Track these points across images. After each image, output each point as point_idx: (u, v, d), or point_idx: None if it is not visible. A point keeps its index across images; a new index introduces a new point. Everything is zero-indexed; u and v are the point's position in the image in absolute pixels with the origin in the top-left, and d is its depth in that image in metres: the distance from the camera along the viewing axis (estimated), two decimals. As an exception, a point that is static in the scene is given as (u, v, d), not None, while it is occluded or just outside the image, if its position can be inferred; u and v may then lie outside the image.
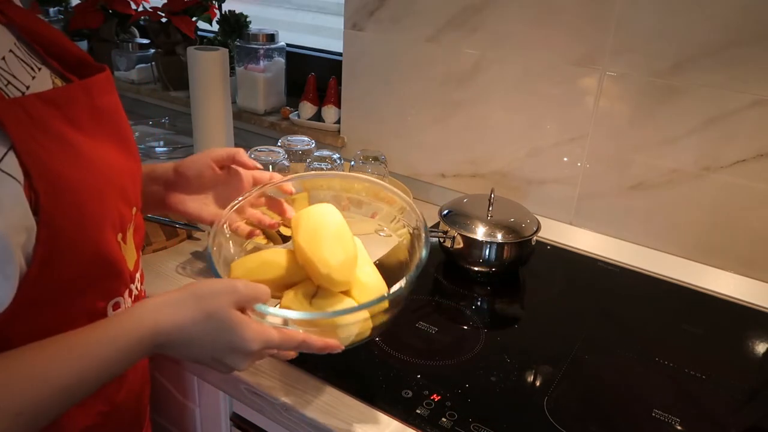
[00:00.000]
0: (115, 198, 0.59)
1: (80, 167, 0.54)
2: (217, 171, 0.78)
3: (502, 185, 1.19)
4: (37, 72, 0.57)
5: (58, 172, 0.52)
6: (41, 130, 0.52)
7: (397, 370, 0.78)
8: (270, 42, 1.46)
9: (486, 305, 0.97)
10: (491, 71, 1.14)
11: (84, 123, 0.57)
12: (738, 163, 0.97)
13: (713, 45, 0.94)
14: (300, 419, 0.71)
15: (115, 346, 0.53)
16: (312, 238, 0.66)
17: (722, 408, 0.77)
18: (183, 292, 0.57)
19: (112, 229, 0.59)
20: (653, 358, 0.84)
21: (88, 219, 0.55)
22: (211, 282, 0.58)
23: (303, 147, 1.28)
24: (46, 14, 1.91)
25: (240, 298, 0.57)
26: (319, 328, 0.63)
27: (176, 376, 0.90)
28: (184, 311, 0.56)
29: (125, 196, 0.61)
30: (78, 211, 0.53)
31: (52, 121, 0.53)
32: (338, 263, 0.65)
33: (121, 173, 0.61)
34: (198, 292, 0.57)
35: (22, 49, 0.57)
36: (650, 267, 1.07)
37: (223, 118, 1.31)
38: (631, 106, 1.03)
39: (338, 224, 0.69)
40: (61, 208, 0.52)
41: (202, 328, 0.56)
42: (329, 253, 0.65)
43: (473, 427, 0.69)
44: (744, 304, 1.00)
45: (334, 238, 0.67)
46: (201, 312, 0.56)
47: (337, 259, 0.65)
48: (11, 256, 0.49)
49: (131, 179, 0.64)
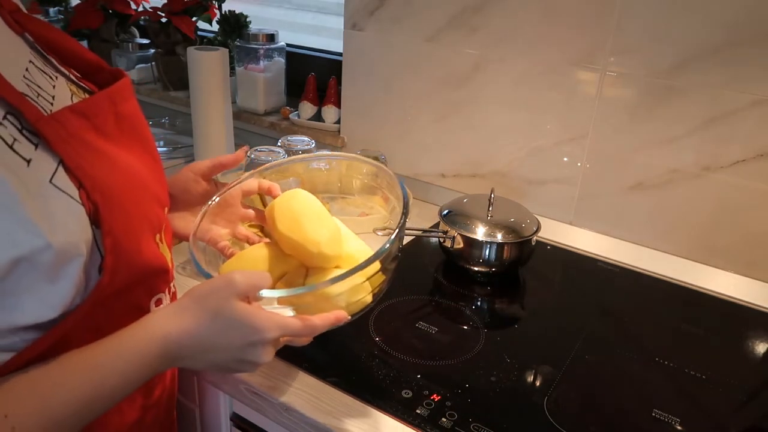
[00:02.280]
0: (149, 201, 0.60)
1: (117, 175, 0.55)
2: (203, 184, 0.78)
3: (502, 185, 1.19)
4: (54, 81, 0.58)
5: (105, 182, 0.53)
6: (79, 143, 0.53)
7: (397, 370, 0.78)
8: (270, 42, 1.46)
9: (486, 305, 0.97)
10: (491, 71, 1.14)
11: (111, 131, 0.58)
12: (738, 163, 0.97)
13: (713, 45, 0.94)
14: (300, 419, 0.71)
15: (128, 359, 0.52)
16: (293, 224, 0.67)
17: (722, 408, 0.77)
18: (183, 298, 0.56)
19: (152, 230, 0.60)
20: (653, 358, 0.84)
21: (134, 223, 0.56)
22: (208, 281, 0.57)
23: (303, 147, 1.28)
24: (46, 14, 1.91)
25: (240, 288, 0.55)
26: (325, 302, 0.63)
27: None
28: (188, 316, 0.55)
29: (157, 197, 0.63)
30: (125, 216, 0.55)
31: (84, 132, 0.54)
32: (326, 239, 0.66)
33: (149, 176, 0.62)
34: (196, 294, 0.56)
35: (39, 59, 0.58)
36: (650, 267, 1.07)
37: (223, 118, 1.31)
38: (631, 106, 1.03)
39: (314, 205, 0.70)
40: (116, 216, 0.53)
41: (211, 329, 0.54)
42: (314, 233, 0.66)
43: (473, 427, 0.69)
44: (744, 304, 1.00)
45: (314, 219, 0.68)
46: (205, 312, 0.55)
47: (323, 236, 0.66)
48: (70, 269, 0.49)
49: (158, 181, 0.65)
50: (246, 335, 0.55)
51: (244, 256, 0.71)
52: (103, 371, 0.52)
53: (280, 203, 0.70)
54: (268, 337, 0.55)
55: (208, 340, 0.55)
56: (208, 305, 0.55)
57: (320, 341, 0.82)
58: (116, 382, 0.52)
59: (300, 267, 0.70)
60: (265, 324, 0.55)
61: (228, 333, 0.55)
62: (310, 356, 0.79)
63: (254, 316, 0.55)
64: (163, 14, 1.58)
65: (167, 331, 0.54)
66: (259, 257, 0.70)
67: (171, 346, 0.54)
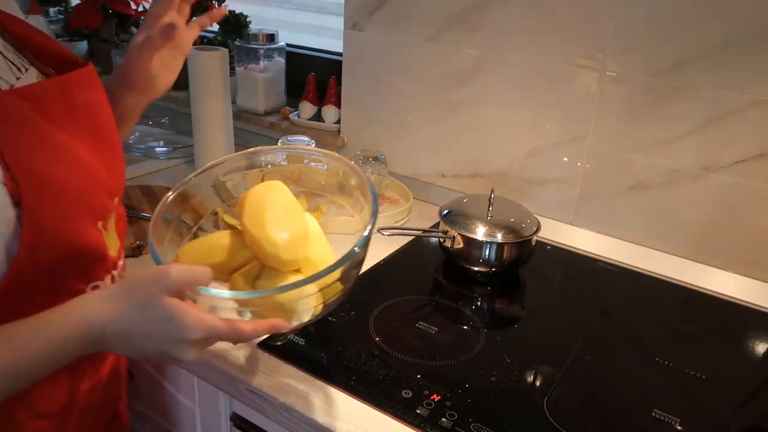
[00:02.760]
0: (94, 188, 0.62)
1: (56, 158, 0.57)
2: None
3: (502, 185, 1.19)
4: (23, 73, 0.60)
5: (37, 163, 0.55)
6: (18, 124, 0.55)
7: (397, 370, 0.78)
8: (270, 42, 1.46)
9: (486, 305, 0.97)
10: (491, 71, 1.14)
11: (58, 116, 0.59)
12: (738, 163, 0.97)
13: (713, 45, 0.94)
14: (300, 419, 0.71)
15: (46, 338, 0.52)
16: (257, 217, 0.63)
17: (722, 408, 0.77)
18: (116, 285, 0.56)
19: (92, 216, 0.61)
20: (653, 358, 0.84)
21: (67, 207, 0.57)
22: (144, 272, 0.56)
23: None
24: (46, 14, 1.91)
25: (172, 283, 0.54)
26: (262, 308, 0.60)
27: (176, 376, 0.90)
28: (114, 304, 0.54)
29: (106, 187, 0.64)
30: (56, 199, 0.56)
31: (28, 114, 0.56)
32: (285, 241, 0.62)
33: (100, 166, 0.63)
34: (128, 284, 0.56)
35: (11, 51, 0.61)
36: (650, 267, 1.07)
37: (223, 118, 1.31)
38: (631, 106, 1.03)
39: (285, 201, 0.66)
40: (42, 197, 0.54)
41: (136, 320, 0.54)
42: (275, 231, 0.62)
43: (473, 427, 0.69)
44: (744, 304, 1.00)
45: (280, 215, 0.64)
46: (131, 303, 0.54)
47: (283, 237, 0.62)
48: None
49: (110, 172, 0.66)
50: (169, 332, 0.54)
51: (203, 242, 0.68)
52: (20, 348, 0.52)
53: (253, 193, 0.67)
54: (191, 337, 0.54)
55: (132, 329, 0.54)
56: (136, 296, 0.54)
57: (320, 341, 0.82)
58: (33, 360, 0.52)
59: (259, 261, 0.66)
60: (190, 324, 0.54)
61: (152, 326, 0.54)
62: (310, 356, 0.79)
63: (181, 314, 0.54)
64: (163, 14, 1.58)
65: (90, 316, 0.53)
66: (218, 245, 0.66)
67: (93, 331, 0.53)
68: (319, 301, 0.62)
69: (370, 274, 1.00)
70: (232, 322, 0.57)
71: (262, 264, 0.65)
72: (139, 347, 0.55)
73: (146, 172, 1.33)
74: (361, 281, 0.97)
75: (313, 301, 0.62)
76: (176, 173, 1.35)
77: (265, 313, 0.60)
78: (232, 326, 0.56)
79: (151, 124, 1.61)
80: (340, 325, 0.86)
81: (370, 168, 1.23)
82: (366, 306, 0.91)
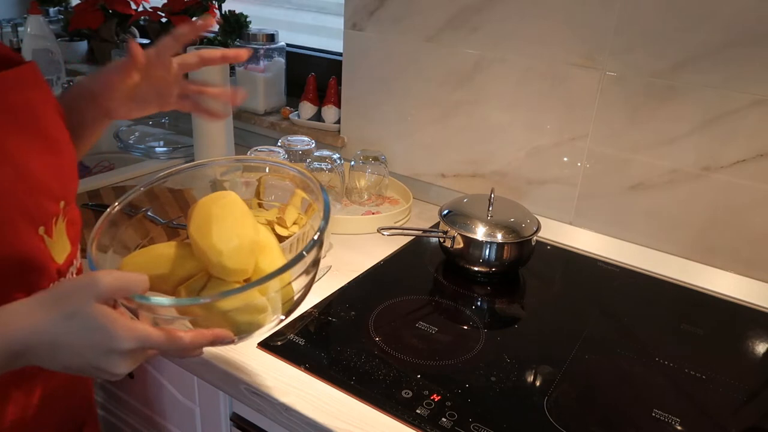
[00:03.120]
0: (32, 191, 0.58)
1: None
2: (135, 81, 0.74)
3: (502, 185, 1.19)
4: None
5: None
6: None
7: (397, 370, 0.78)
8: (270, 42, 1.46)
9: (486, 305, 0.97)
10: (491, 71, 1.14)
11: None
12: (738, 163, 0.97)
13: (713, 45, 0.94)
14: (300, 419, 0.71)
15: None
16: (203, 227, 0.61)
17: (722, 408, 0.77)
18: (44, 293, 0.52)
19: (30, 222, 0.58)
20: (653, 358, 0.84)
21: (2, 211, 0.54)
22: (74, 279, 0.53)
23: (303, 147, 1.28)
24: (46, 14, 1.91)
25: (102, 291, 0.50)
26: (203, 317, 0.58)
27: (176, 376, 0.90)
28: (40, 314, 0.50)
29: (48, 190, 0.61)
30: None
31: None
32: (230, 250, 0.59)
33: (42, 168, 0.60)
34: (57, 291, 0.52)
35: None
36: (650, 267, 1.07)
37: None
38: (631, 106, 1.03)
39: (235, 211, 0.64)
40: None
41: (63, 330, 0.49)
42: (220, 240, 0.60)
43: (473, 427, 0.69)
44: (744, 304, 1.00)
45: (227, 226, 0.61)
46: (59, 312, 0.50)
47: (228, 246, 0.59)
48: None
49: (54, 174, 0.62)
50: (99, 342, 0.50)
51: (149, 252, 0.66)
52: None
53: (201, 203, 0.65)
54: (123, 347, 0.50)
55: (60, 341, 0.50)
56: (64, 305, 0.50)
57: (320, 341, 0.82)
58: None
59: (205, 273, 0.63)
60: (122, 333, 0.50)
61: (82, 336, 0.50)
62: (310, 356, 0.79)
63: (109, 323, 0.49)
64: (163, 14, 1.58)
65: (10, 329, 0.49)
66: (162, 255, 0.64)
67: (15, 346, 0.49)
68: (266, 309, 0.60)
69: (370, 274, 1.00)
70: (169, 330, 0.53)
71: (208, 276, 0.62)
72: (66, 360, 0.51)
73: (146, 172, 1.33)
74: (361, 281, 0.97)
75: (260, 310, 0.60)
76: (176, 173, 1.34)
77: (209, 323, 0.57)
78: (169, 335, 0.52)
79: (151, 124, 1.61)
80: (340, 325, 0.86)
81: (369, 168, 1.23)
82: (366, 306, 0.91)
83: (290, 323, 0.85)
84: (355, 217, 1.16)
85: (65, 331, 0.50)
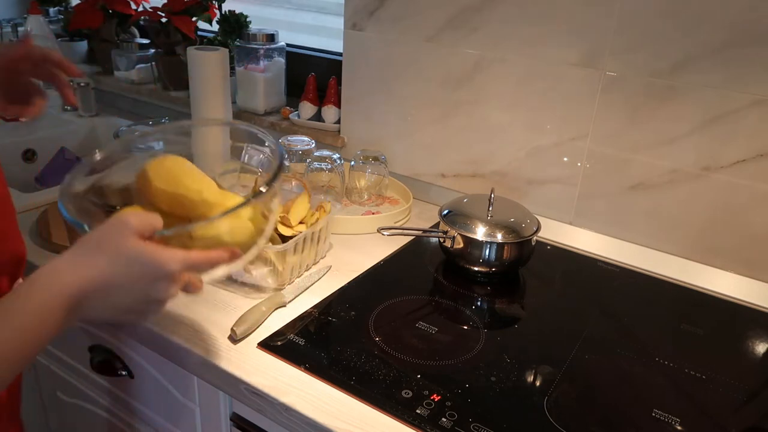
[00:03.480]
0: None
1: None
2: None
3: (502, 185, 1.19)
4: None
5: None
6: None
7: (397, 370, 0.78)
8: (270, 42, 1.46)
9: (486, 305, 0.97)
10: (491, 71, 1.14)
11: None
12: (738, 163, 0.97)
13: (713, 45, 0.94)
14: (300, 419, 0.71)
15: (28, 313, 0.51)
16: (170, 178, 0.66)
17: (722, 408, 0.77)
18: (77, 247, 0.54)
19: None
20: (653, 358, 0.84)
21: None
22: (103, 225, 0.55)
23: (303, 147, 1.28)
24: (46, 14, 1.91)
25: (137, 228, 0.54)
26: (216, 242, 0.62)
27: (176, 376, 0.90)
28: (87, 262, 0.53)
29: None
30: None
31: None
32: (207, 187, 0.66)
33: None
34: (93, 239, 0.55)
35: None
36: (650, 267, 1.07)
37: (223, 119, 1.31)
38: (631, 106, 1.03)
39: (186, 163, 0.70)
40: None
41: (113, 270, 0.53)
42: (194, 182, 0.67)
43: (473, 427, 0.69)
44: (744, 304, 1.00)
45: (190, 173, 0.68)
46: (104, 256, 0.53)
47: (202, 185, 0.66)
48: None
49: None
50: (149, 272, 0.54)
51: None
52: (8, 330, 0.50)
53: (152, 165, 0.68)
54: (171, 269, 0.54)
55: (111, 282, 0.53)
56: (107, 247, 0.53)
57: (320, 341, 0.82)
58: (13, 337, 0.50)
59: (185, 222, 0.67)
60: (167, 258, 0.54)
61: (131, 271, 0.53)
62: (310, 356, 0.79)
63: (155, 251, 0.54)
64: (163, 14, 1.58)
65: (67, 281, 0.52)
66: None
67: (72, 299, 0.52)
68: (251, 230, 0.66)
69: (370, 274, 1.00)
70: (200, 251, 0.58)
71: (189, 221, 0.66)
72: (119, 300, 0.54)
73: (146, 172, 1.33)
74: (361, 281, 0.98)
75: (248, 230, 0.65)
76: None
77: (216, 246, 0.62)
78: (201, 252, 0.58)
79: (151, 124, 1.61)
80: (340, 325, 0.86)
81: (369, 168, 1.23)
82: (366, 306, 0.91)
83: (290, 323, 0.85)
84: (355, 217, 1.16)
85: (116, 271, 0.53)
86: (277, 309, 0.88)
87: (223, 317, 0.86)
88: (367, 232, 1.13)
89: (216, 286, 0.93)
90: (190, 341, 0.81)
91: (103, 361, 0.98)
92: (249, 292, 0.92)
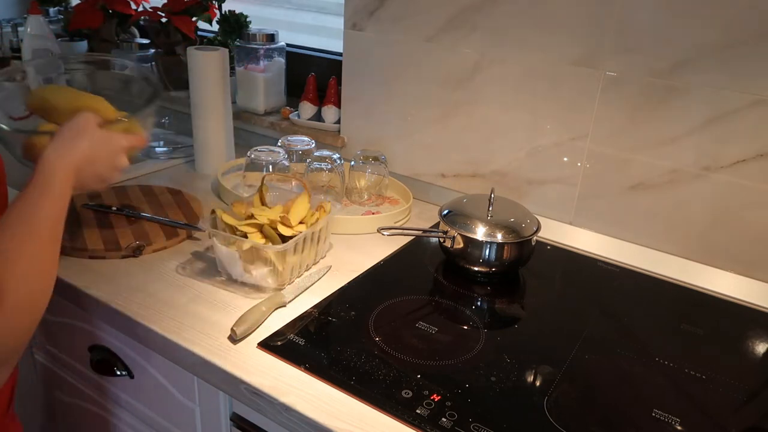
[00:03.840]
0: None
1: None
2: None
3: (502, 185, 1.19)
4: None
5: None
6: None
7: (397, 370, 0.78)
8: (270, 42, 1.46)
9: (486, 305, 0.97)
10: (491, 71, 1.14)
11: None
12: (738, 163, 0.97)
13: (713, 45, 0.94)
14: (300, 419, 0.71)
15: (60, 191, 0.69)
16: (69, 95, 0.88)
17: (722, 408, 0.77)
18: (60, 134, 0.72)
19: None
20: (653, 358, 0.84)
21: None
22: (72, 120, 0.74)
23: (303, 147, 1.28)
24: (46, 14, 1.91)
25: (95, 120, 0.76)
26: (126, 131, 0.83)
27: (176, 376, 0.90)
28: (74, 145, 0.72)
29: None
30: None
31: None
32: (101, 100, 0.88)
33: None
34: (73, 128, 0.73)
35: None
36: (650, 267, 1.07)
37: (223, 118, 1.31)
38: (631, 106, 1.03)
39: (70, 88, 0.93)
40: None
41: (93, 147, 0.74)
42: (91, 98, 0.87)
43: (473, 427, 0.69)
44: (744, 304, 1.00)
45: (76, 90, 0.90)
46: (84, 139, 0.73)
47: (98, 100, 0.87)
48: None
49: None
50: (115, 147, 0.78)
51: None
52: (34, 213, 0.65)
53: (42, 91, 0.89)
54: (123, 144, 0.79)
55: (93, 155, 0.74)
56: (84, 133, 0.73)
57: (320, 341, 0.82)
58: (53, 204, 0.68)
59: None
60: (121, 138, 0.79)
61: (104, 148, 0.76)
62: (310, 356, 0.79)
63: (114, 134, 0.78)
64: (163, 14, 1.58)
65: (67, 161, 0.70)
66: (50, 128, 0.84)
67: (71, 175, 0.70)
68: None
69: (370, 274, 1.00)
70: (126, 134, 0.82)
71: None
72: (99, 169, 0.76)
73: (146, 172, 1.33)
74: (361, 281, 0.98)
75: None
76: (176, 173, 1.35)
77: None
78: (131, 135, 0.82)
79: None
80: (340, 325, 0.86)
81: (369, 168, 1.23)
82: (366, 306, 0.91)
83: (290, 323, 0.85)
84: (355, 217, 1.16)
85: (95, 146, 0.74)
86: (277, 309, 0.88)
87: (223, 317, 0.86)
88: (367, 232, 1.13)
89: (216, 286, 0.93)
90: (190, 341, 0.81)
91: (103, 361, 0.98)
92: (249, 292, 0.92)
